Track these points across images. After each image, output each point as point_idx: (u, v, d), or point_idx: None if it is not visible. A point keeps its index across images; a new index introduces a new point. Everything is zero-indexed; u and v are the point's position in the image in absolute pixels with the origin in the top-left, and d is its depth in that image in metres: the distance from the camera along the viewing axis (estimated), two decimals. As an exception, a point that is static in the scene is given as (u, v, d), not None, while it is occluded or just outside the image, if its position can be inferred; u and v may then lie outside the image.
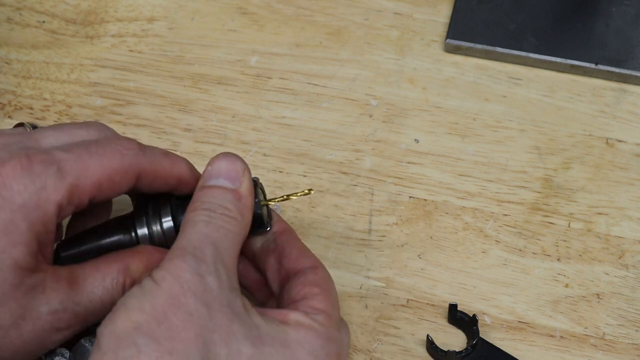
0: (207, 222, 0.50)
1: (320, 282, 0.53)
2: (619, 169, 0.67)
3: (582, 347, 0.60)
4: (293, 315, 0.50)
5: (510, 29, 0.73)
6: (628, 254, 0.63)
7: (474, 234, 0.64)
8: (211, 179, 0.52)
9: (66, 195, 0.51)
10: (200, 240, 0.49)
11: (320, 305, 0.51)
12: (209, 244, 0.49)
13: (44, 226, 0.50)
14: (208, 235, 0.49)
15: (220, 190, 0.52)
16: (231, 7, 0.76)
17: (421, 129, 0.69)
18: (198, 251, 0.48)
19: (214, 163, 0.53)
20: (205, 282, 0.47)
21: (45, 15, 0.76)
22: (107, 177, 0.52)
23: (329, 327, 0.50)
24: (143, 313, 0.46)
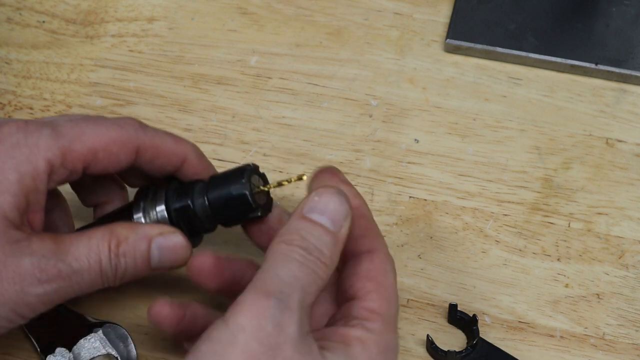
0: (302, 263, 0.47)
1: (374, 272, 0.51)
2: (619, 169, 0.67)
3: (582, 347, 0.60)
4: (352, 334, 0.48)
5: (510, 29, 0.73)
6: (628, 254, 0.63)
7: (474, 234, 0.64)
8: (314, 213, 0.49)
9: (59, 155, 0.50)
10: (291, 284, 0.47)
11: (375, 304, 0.50)
12: (298, 289, 0.47)
13: (33, 182, 0.50)
14: (299, 279, 0.47)
15: (320, 229, 0.49)
16: (231, 7, 0.76)
17: (421, 129, 0.69)
18: (285, 295, 0.46)
19: (322, 195, 0.50)
20: (285, 334, 0.45)
21: (45, 15, 0.76)
22: (103, 145, 0.52)
23: (386, 334, 0.49)
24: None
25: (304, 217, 0.49)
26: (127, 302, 0.62)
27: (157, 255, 0.52)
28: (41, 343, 0.59)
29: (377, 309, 0.50)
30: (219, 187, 0.54)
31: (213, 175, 0.55)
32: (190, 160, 0.56)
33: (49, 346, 0.59)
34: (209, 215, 0.54)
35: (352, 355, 0.48)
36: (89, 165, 0.52)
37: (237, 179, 0.53)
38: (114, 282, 0.52)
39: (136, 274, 0.53)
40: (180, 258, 0.53)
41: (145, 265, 0.52)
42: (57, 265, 0.50)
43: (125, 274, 0.52)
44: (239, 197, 0.53)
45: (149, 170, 0.55)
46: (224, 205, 0.53)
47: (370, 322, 0.49)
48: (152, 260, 0.52)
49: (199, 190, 0.54)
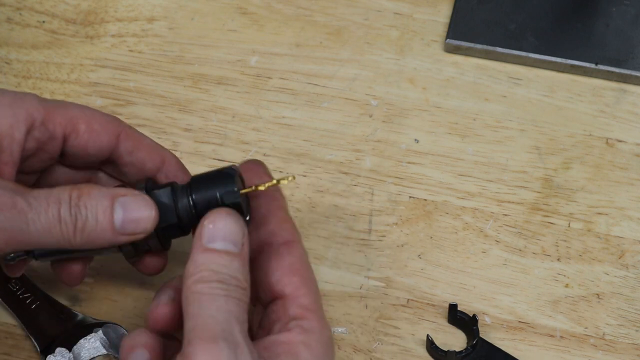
0: (226, 296, 0.47)
1: (298, 266, 0.51)
2: (619, 169, 0.67)
3: (582, 347, 0.60)
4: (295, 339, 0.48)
5: (510, 29, 0.73)
6: (628, 254, 0.63)
7: (474, 234, 0.64)
8: (216, 241, 0.48)
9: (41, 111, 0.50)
10: (227, 320, 0.46)
11: (307, 301, 0.50)
12: (235, 321, 0.46)
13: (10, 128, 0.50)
14: (231, 312, 0.46)
15: (227, 257, 0.48)
16: (231, 7, 0.76)
17: (421, 129, 0.69)
18: (228, 334, 0.45)
19: (215, 221, 0.49)
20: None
21: (45, 15, 0.76)
22: (85, 119, 0.52)
23: (323, 329, 0.49)
24: None
25: (206, 248, 0.48)
26: (127, 302, 0.62)
27: (120, 215, 0.50)
28: (41, 343, 0.59)
29: (310, 305, 0.50)
30: (206, 189, 0.51)
31: (194, 176, 0.53)
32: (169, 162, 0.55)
33: (49, 346, 0.59)
34: (192, 217, 0.52)
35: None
36: (68, 135, 0.51)
37: (226, 182, 0.51)
38: (74, 235, 0.49)
39: (98, 234, 0.50)
40: (145, 222, 0.51)
41: (107, 223, 0.50)
42: (13, 197, 0.48)
43: (86, 229, 0.49)
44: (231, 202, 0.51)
45: (126, 167, 0.54)
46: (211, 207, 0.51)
47: (307, 320, 0.49)
48: (115, 218, 0.50)
49: (180, 191, 0.52)
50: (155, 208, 0.51)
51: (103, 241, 0.50)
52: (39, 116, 0.51)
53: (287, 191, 0.66)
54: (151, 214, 0.51)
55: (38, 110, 0.51)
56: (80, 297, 0.62)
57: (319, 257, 0.63)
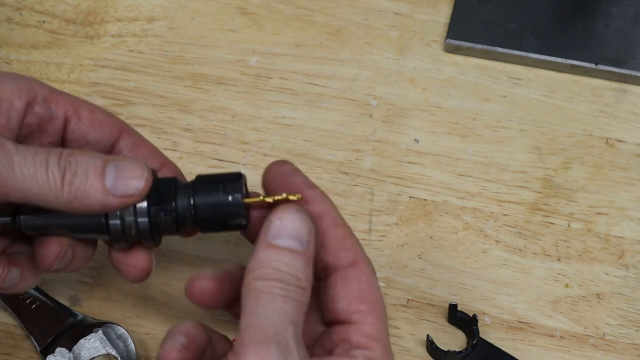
0: (284, 296, 0.46)
1: (365, 292, 0.50)
2: (619, 169, 0.67)
3: (582, 347, 0.60)
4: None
5: (510, 29, 0.73)
6: (628, 254, 0.63)
7: (474, 234, 0.64)
8: (280, 238, 0.48)
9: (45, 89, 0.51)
10: (282, 322, 0.45)
11: (372, 330, 0.49)
12: (289, 324, 0.46)
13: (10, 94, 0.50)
14: (287, 313, 0.46)
15: (291, 255, 0.47)
16: (231, 7, 0.76)
17: (421, 129, 0.69)
18: (281, 337, 0.45)
19: (284, 218, 0.48)
20: None
21: (45, 15, 0.76)
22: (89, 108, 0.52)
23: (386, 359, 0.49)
24: None
25: (271, 245, 0.48)
26: (127, 302, 0.62)
27: (112, 174, 0.48)
28: (41, 343, 0.59)
29: (375, 335, 0.49)
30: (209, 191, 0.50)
31: (199, 176, 0.52)
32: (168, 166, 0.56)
33: (49, 346, 0.59)
34: (190, 217, 0.51)
35: None
36: (70, 118, 0.51)
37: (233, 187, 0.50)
38: (61, 187, 0.47)
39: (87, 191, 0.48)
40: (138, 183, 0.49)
41: (98, 180, 0.48)
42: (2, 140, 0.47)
43: (74, 183, 0.48)
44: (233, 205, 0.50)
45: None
46: (212, 210, 0.51)
47: (371, 350, 0.48)
48: (106, 176, 0.48)
49: (183, 187, 0.51)
50: (149, 172, 0.49)
51: (92, 201, 0.48)
52: (42, 92, 0.51)
53: (287, 191, 0.66)
54: (144, 175, 0.49)
55: (41, 87, 0.51)
56: (80, 297, 0.62)
57: (319, 257, 0.63)
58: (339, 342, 0.49)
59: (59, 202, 0.48)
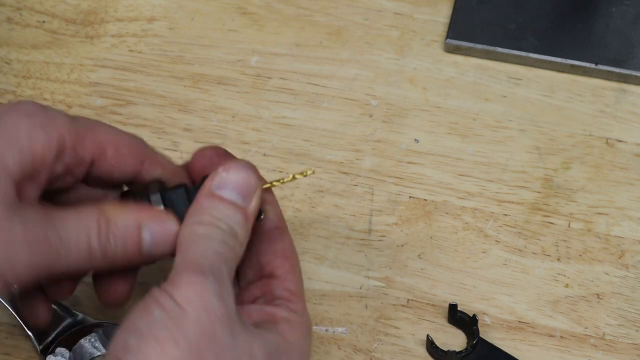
0: (221, 241, 0.48)
1: (288, 252, 0.52)
2: (619, 169, 0.67)
3: (582, 347, 0.60)
4: (279, 314, 0.50)
5: (510, 29, 0.73)
6: (628, 254, 0.63)
7: (474, 234, 0.64)
8: (224, 189, 0.49)
9: (73, 134, 0.50)
10: (217, 259, 0.47)
11: (293, 286, 0.51)
12: (224, 264, 0.47)
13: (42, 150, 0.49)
14: (222, 255, 0.48)
15: (231, 208, 0.49)
16: (231, 7, 0.76)
17: (421, 129, 0.69)
18: (216, 270, 0.47)
19: (229, 170, 0.50)
20: (226, 306, 0.46)
21: (45, 15, 0.76)
22: (114, 143, 0.52)
23: (305, 316, 0.51)
24: (178, 348, 0.44)
25: (213, 194, 0.49)
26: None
27: (149, 241, 0.51)
28: (41, 343, 0.59)
29: (296, 291, 0.51)
30: None
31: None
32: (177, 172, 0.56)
33: (49, 346, 0.59)
34: None
35: (281, 332, 0.49)
36: (97, 160, 0.51)
37: None
38: (103, 262, 0.50)
39: (126, 258, 0.51)
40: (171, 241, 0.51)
41: (135, 249, 0.51)
42: (47, 233, 0.48)
43: (116, 256, 0.50)
44: None
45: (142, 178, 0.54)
46: None
47: (293, 303, 0.50)
48: (143, 245, 0.51)
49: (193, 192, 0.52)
50: (178, 224, 0.51)
51: (128, 263, 0.51)
52: (70, 140, 0.50)
53: (288, 191, 0.66)
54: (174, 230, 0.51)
55: (70, 134, 0.50)
56: (80, 297, 0.62)
57: (319, 257, 0.63)
58: (262, 295, 0.51)
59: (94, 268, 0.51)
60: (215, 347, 0.45)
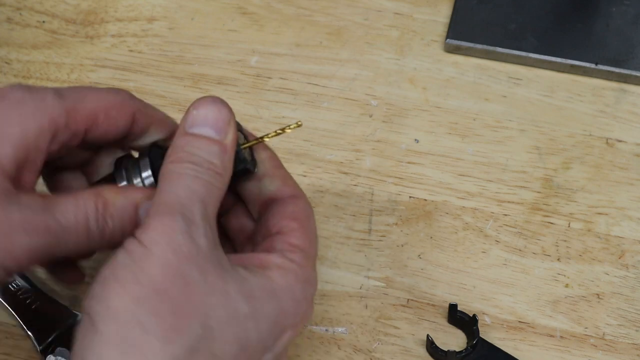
0: (194, 176, 0.47)
1: (299, 214, 0.51)
2: (619, 169, 0.67)
3: (582, 347, 0.60)
4: (272, 259, 0.49)
5: (510, 29, 0.73)
6: (628, 254, 0.63)
7: (474, 234, 0.64)
8: (196, 126, 0.49)
9: (63, 115, 0.50)
10: (189, 197, 0.47)
11: (298, 241, 0.50)
12: (197, 201, 0.47)
13: (35, 139, 0.49)
14: (195, 191, 0.47)
15: (205, 141, 0.49)
16: (231, 7, 0.76)
17: (421, 129, 0.69)
18: (187, 210, 0.46)
19: (199, 107, 0.50)
20: (196, 244, 0.45)
21: (45, 15, 0.76)
22: (103, 108, 0.52)
23: (306, 268, 0.49)
24: (141, 286, 0.44)
25: (186, 133, 0.49)
26: (127, 302, 0.62)
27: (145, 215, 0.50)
28: (41, 343, 0.59)
29: (300, 245, 0.50)
30: None
31: None
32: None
33: (49, 346, 0.59)
34: None
35: (269, 277, 0.48)
36: (90, 128, 0.51)
37: None
38: (101, 243, 0.50)
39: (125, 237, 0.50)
40: None
41: (133, 228, 0.50)
42: (46, 219, 0.48)
43: (113, 236, 0.50)
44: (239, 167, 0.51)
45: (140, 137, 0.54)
46: None
47: (291, 253, 0.49)
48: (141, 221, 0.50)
49: None
50: None
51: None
52: (62, 120, 0.50)
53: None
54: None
55: (60, 114, 0.50)
56: (80, 297, 0.62)
57: (319, 257, 0.63)
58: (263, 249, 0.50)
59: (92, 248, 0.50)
60: (181, 283, 0.44)
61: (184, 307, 0.44)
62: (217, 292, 0.45)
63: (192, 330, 0.44)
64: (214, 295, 0.45)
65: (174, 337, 0.43)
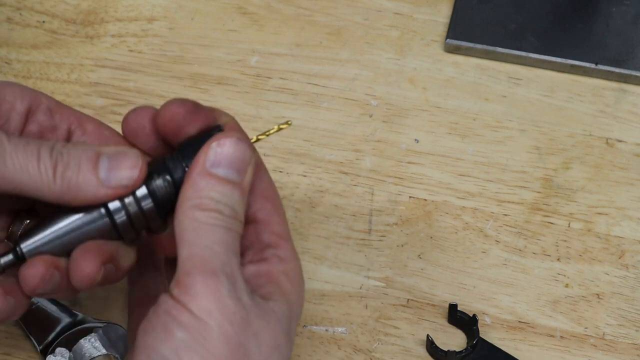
0: (224, 227, 0.46)
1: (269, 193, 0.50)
2: (619, 169, 0.67)
3: (582, 347, 0.60)
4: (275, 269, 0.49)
5: (510, 29, 0.73)
6: (628, 254, 0.63)
7: (474, 234, 0.64)
8: (219, 166, 0.47)
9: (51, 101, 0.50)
10: (226, 253, 0.46)
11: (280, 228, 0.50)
12: (232, 255, 0.46)
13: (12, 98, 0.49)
14: (229, 244, 0.46)
15: (229, 186, 0.47)
16: (231, 7, 0.76)
17: (421, 129, 0.69)
18: (228, 267, 0.45)
19: (224, 146, 0.47)
20: (242, 304, 0.45)
21: (45, 15, 0.76)
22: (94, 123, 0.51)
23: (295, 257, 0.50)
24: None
25: (209, 174, 0.47)
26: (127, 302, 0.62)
27: (105, 165, 0.47)
28: (41, 343, 0.59)
29: (282, 233, 0.49)
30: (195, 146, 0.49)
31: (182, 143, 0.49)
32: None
33: (49, 346, 0.59)
34: None
35: (285, 292, 0.48)
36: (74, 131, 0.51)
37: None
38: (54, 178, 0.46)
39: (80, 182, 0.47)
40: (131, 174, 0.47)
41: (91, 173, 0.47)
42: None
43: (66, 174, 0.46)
44: None
45: None
46: None
47: (282, 249, 0.49)
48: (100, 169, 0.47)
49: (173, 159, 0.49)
50: (144, 161, 0.48)
51: (86, 193, 0.47)
52: (46, 102, 0.50)
53: (288, 191, 0.66)
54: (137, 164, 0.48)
55: (47, 99, 0.50)
56: (80, 297, 0.62)
57: (319, 257, 0.63)
58: (250, 245, 0.49)
59: (51, 193, 0.47)
60: (242, 353, 0.44)
61: None
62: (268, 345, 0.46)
63: None
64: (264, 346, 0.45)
65: None
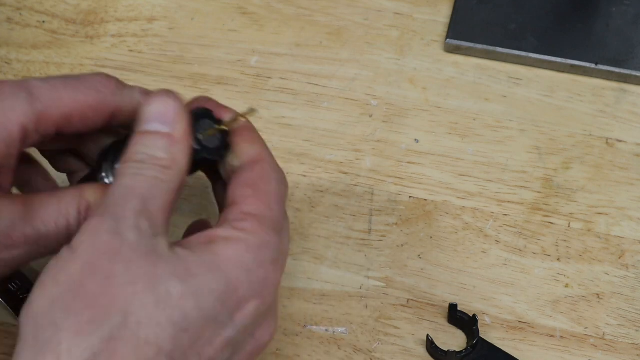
0: (134, 174, 0.47)
1: (253, 179, 0.50)
2: (619, 169, 0.67)
3: (582, 347, 0.60)
4: (218, 233, 0.47)
5: (510, 29, 0.73)
6: (628, 254, 0.63)
7: (474, 234, 0.64)
8: (145, 123, 0.49)
9: (33, 120, 0.50)
10: (123, 196, 0.46)
11: (250, 208, 0.48)
12: (133, 197, 0.46)
13: (7, 148, 0.49)
14: (132, 188, 0.47)
15: (152, 137, 0.48)
16: (231, 7, 0.76)
17: (421, 129, 0.69)
18: (119, 208, 0.46)
19: (148, 104, 0.49)
20: (122, 239, 0.45)
21: (45, 15, 0.76)
22: (79, 111, 0.51)
23: (259, 233, 0.47)
24: (58, 286, 0.44)
25: (137, 132, 0.49)
26: (127, 302, 0.62)
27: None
28: (41, 343, 0.59)
29: (252, 211, 0.48)
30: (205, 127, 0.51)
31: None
32: None
33: (49, 346, 0.58)
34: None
35: (213, 251, 0.46)
36: (62, 129, 0.51)
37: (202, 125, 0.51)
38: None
39: None
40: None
41: None
42: (25, 230, 0.48)
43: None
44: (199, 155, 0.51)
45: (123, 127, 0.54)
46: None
47: (241, 222, 0.48)
48: None
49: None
50: None
51: None
52: (32, 126, 0.50)
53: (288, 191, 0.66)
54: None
55: (30, 120, 0.50)
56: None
57: (319, 257, 0.63)
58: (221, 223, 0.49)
59: None
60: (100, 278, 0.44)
61: (102, 300, 0.44)
62: (143, 279, 0.44)
63: (111, 319, 0.43)
64: (138, 283, 0.44)
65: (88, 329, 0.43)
